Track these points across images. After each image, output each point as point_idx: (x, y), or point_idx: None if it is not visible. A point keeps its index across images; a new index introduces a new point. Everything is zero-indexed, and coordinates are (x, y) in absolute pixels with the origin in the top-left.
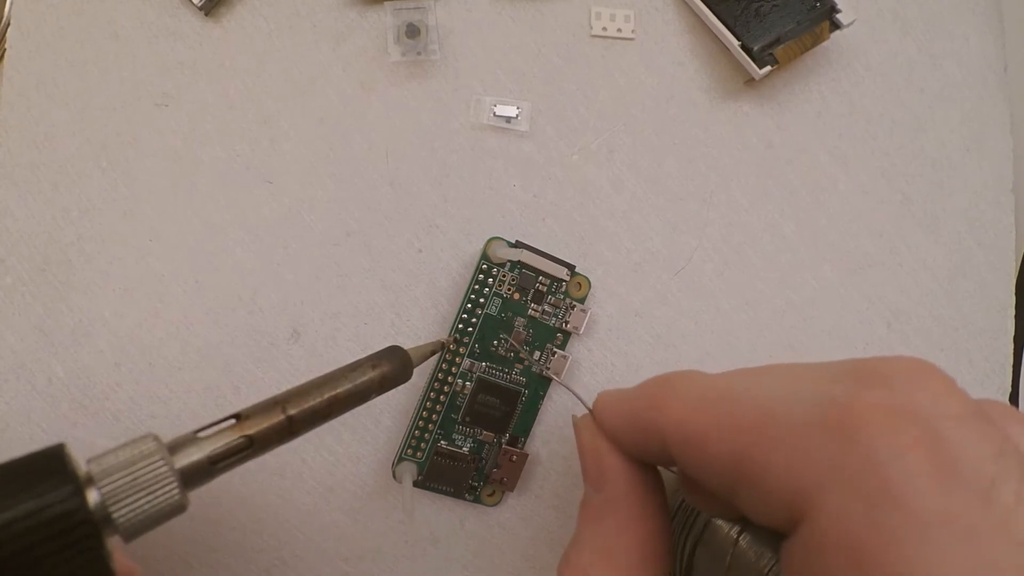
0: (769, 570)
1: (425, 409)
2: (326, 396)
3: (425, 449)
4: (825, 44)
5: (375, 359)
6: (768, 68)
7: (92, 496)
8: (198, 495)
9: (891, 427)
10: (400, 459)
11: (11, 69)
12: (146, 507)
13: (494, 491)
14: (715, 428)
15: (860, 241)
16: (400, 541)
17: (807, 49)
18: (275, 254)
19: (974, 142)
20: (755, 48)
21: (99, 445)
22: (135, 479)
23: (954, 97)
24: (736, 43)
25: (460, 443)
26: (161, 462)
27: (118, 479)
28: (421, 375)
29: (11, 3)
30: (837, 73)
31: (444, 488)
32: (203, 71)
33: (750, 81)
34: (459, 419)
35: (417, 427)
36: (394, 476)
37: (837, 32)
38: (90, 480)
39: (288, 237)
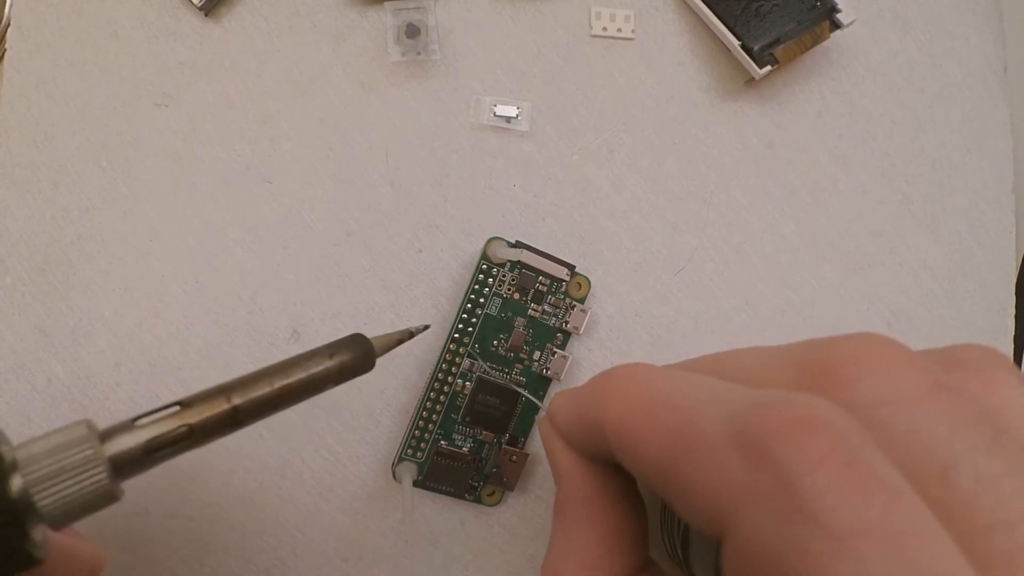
0: None
1: (425, 409)
2: (277, 386)
3: (425, 449)
4: (825, 44)
5: (333, 347)
6: (768, 68)
7: (15, 481)
8: (198, 495)
9: (803, 441)
10: (400, 459)
11: (11, 69)
12: (71, 494)
13: (494, 491)
14: (645, 431)
15: (860, 241)
16: (400, 541)
17: (807, 49)
18: (275, 254)
19: (974, 142)
20: (755, 48)
21: None
22: (61, 465)
23: (954, 97)
24: (736, 43)
25: (460, 443)
26: (88, 447)
27: (44, 465)
28: (421, 375)
29: (11, 3)
30: (837, 73)
31: (444, 488)
32: (203, 71)
33: (750, 81)
34: (459, 419)
35: (417, 427)
36: (394, 476)
37: (837, 32)
38: (14, 465)
39: (288, 237)
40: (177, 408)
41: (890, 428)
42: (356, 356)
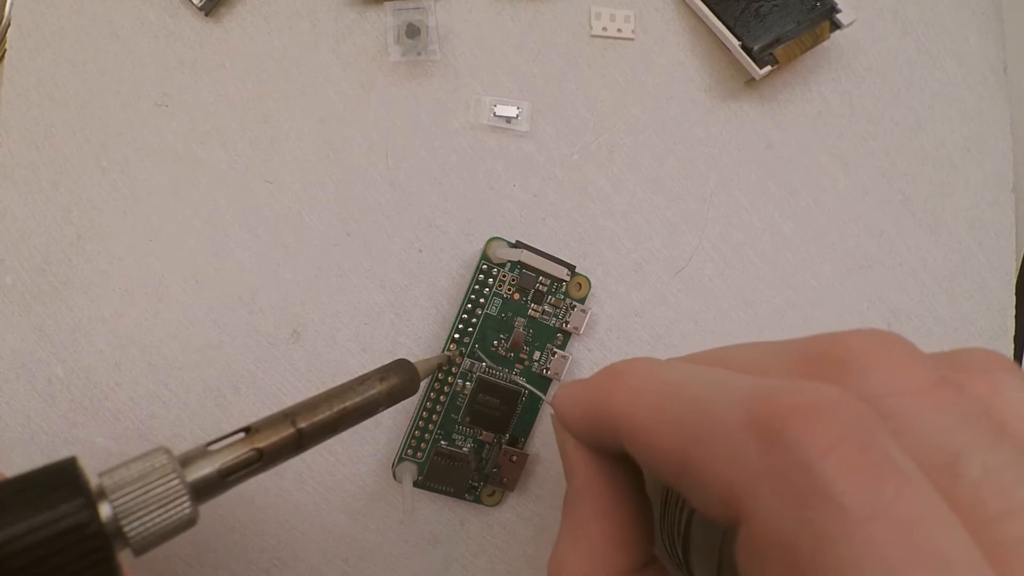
0: None
1: (425, 409)
2: (336, 409)
3: (425, 449)
4: (825, 44)
5: (383, 372)
6: (768, 68)
7: (104, 510)
8: None
9: (817, 425)
10: (400, 459)
11: (11, 69)
12: (158, 521)
13: (494, 491)
14: (657, 423)
15: (860, 241)
16: (400, 541)
17: (807, 49)
18: (275, 254)
19: (974, 142)
20: (755, 48)
21: (99, 445)
22: (147, 493)
23: (954, 97)
24: (736, 43)
25: (460, 443)
26: (174, 476)
27: (130, 493)
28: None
29: (11, 3)
30: (837, 73)
31: (444, 488)
32: (203, 71)
33: (750, 81)
34: (459, 419)
35: (417, 427)
36: (394, 476)
37: (837, 32)
38: (102, 493)
39: (288, 237)
40: (243, 434)
41: (899, 417)
42: (404, 380)
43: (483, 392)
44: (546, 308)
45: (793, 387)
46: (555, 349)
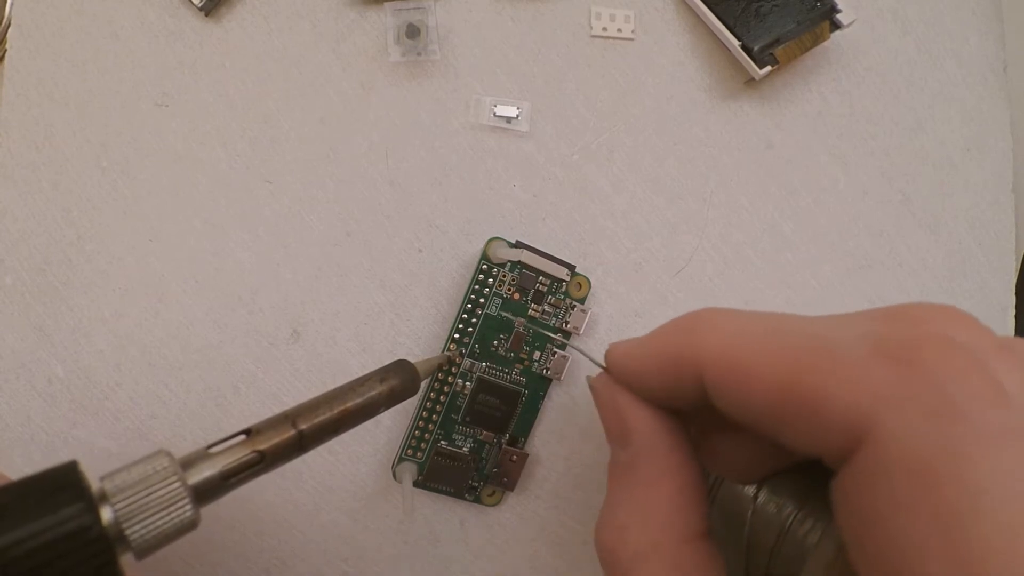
0: (792, 520)
1: (425, 409)
2: (336, 410)
3: (425, 449)
4: (825, 44)
5: (383, 373)
6: (768, 68)
7: (106, 513)
8: None
9: (948, 352)
10: (400, 459)
11: (11, 69)
12: (160, 525)
13: (494, 491)
14: (762, 356)
15: (860, 241)
16: (400, 541)
17: (807, 49)
18: (275, 254)
19: (974, 142)
20: (755, 48)
21: (99, 445)
22: (148, 496)
23: (954, 97)
24: (736, 43)
25: (460, 443)
26: (175, 479)
27: (131, 497)
28: None
29: (11, 3)
30: (837, 73)
31: (444, 488)
32: (203, 71)
33: (750, 81)
34: (459, 419)
35: (417, 427)
36: (394, 476)
37: (837, 32)
38: (103, 497)
39: (288, 237)
40: (244, 436)
41: (991, 366)
42: (404, 380)
43: (483, 392)
44: (546, 308)
45: (920, 314)
46: (555, 349)
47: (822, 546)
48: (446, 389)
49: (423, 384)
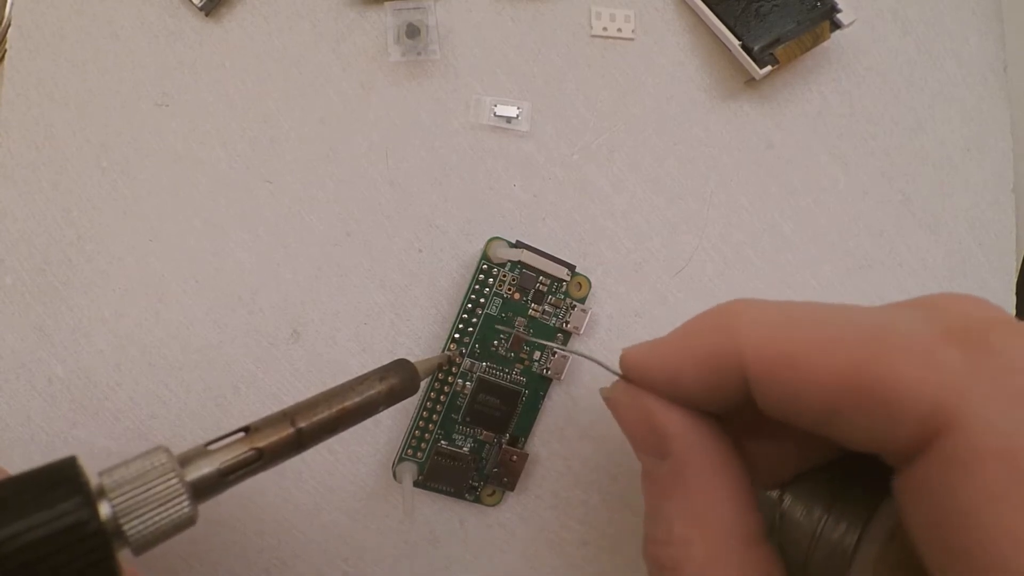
0: (823, 524)
1: (425, 409)
2: (335, 408)
3: (425, 449)
4: (825, 44)
5: (382, 372)
6: (768, 68)
7: (103, 509)
8: None
9: (1018, 335)
10: (400, 459)
11: (11, 69)
12: (157, 520)
13: (494, 491)
14: (817, 346)
15: (860, 241)
16: (400, 541)
17: (807, 49)
18: (275, 254)
19: (974, 142)
20: (755, 48)
21: (99, 445)
22: (146, 492)
23: (954, 97)
24: (736, 43)
25: (460, 443)
26: (173, 475)
27: (129, 492)
28: None
29: (11, 3)
30: (837, 73)
31: (444, 488)
32: (203, 71)
33: (750, 81)
34: (459, 419)
35: (417, 427)
36: (394, 476)
37: (837, 32)
38: (102, 492)
39: (288, 237)
40: (242, 434)
41: None
42: (404, 379)
43: (483, 392)
44: (546, 308)
45: (978, 300)
46: (555, 349)
47: (864, 548)
48: (446, 389)
49: (423, 384)
